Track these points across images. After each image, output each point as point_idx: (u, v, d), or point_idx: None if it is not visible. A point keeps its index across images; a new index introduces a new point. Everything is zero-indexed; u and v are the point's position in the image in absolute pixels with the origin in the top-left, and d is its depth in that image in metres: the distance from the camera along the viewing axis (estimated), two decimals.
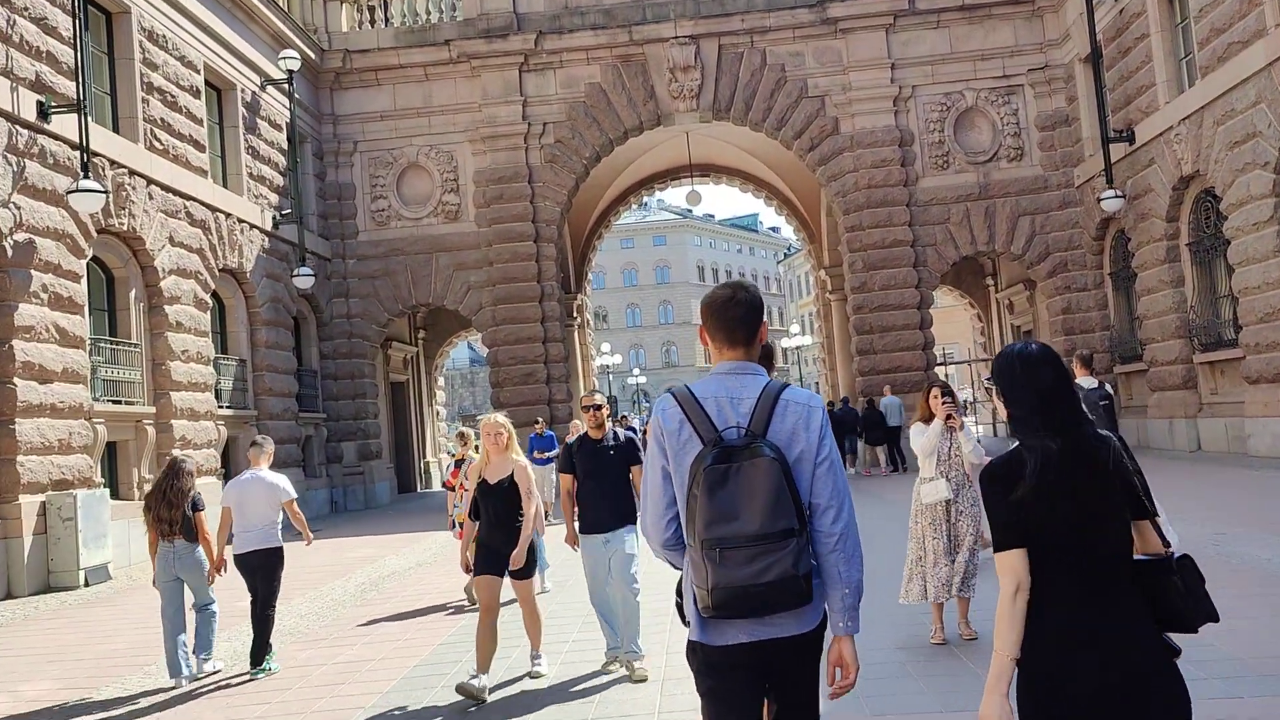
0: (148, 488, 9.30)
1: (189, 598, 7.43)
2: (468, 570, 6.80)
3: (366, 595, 10.65)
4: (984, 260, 28.22)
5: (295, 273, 20.38)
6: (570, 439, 7.33)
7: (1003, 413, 2.77)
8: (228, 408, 18.02)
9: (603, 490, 6.66)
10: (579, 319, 31.93)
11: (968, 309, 30.96)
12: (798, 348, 57.21)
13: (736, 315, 2.94)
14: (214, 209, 17.71)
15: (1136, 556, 2.62)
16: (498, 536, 6.44)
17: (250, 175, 19.53)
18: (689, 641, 2.92)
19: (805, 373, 66.34)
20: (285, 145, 20.97)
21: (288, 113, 20.86)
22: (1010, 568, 2.55)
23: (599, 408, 6.80)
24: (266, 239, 19.83)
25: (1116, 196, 19.41)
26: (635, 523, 6.36)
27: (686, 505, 2.79)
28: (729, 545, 2.68)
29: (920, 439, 6.73)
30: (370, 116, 23.38)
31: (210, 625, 7.42)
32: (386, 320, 23.69)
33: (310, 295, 21.82)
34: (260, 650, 7.25)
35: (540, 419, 18.34)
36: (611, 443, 6.76)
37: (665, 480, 2.91)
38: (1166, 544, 2.68)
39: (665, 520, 2.92)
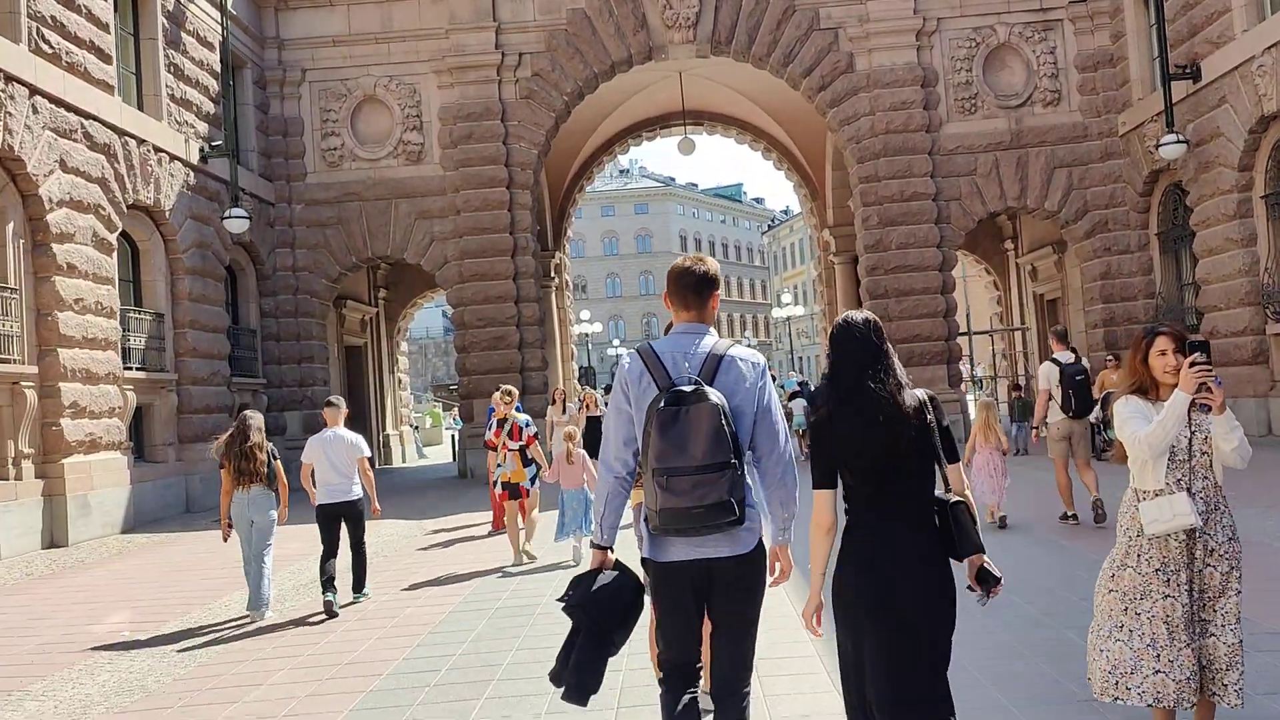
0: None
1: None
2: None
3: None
4: (1002, 221, 25.70)
5: (227, 214, 17.53)
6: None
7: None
8: (139, 369, 15.23)
9: None
10: (557, 280, 29.17)
11: (983, 275, 28.36)
12: (788, 319, 54.52)
13: (690, 284, 3.49)
14: (122, 132, 14.83)
15: (939, 495, 3.20)
16: None
17: (172, 98, 16.61)
18: (641, 558, 3.50)
19: (796, 345, 63.42)
20: (217, 68, 18.03)
21: (220, 29, 17.92)
22: (817, 508, 3.24)
23: None
24: (192, 174, 16.94)
25: (1178, 141, 16.85)
26: None
27: (643, 440, 3.33)
28: (676, 474, 3.21)
29: (1139, 424, 3.71)
30: (321, 41, 20.46)
31: (262, 573, 8.02)
32: (339, 274, 20.91)
33: (248, 243, 18.96)
34: (360, 580, 8.60)
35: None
36: None
37: (626, 421, 3.45)
38: (948, 488, 3.20)
39: (629, 453, 3.46)
